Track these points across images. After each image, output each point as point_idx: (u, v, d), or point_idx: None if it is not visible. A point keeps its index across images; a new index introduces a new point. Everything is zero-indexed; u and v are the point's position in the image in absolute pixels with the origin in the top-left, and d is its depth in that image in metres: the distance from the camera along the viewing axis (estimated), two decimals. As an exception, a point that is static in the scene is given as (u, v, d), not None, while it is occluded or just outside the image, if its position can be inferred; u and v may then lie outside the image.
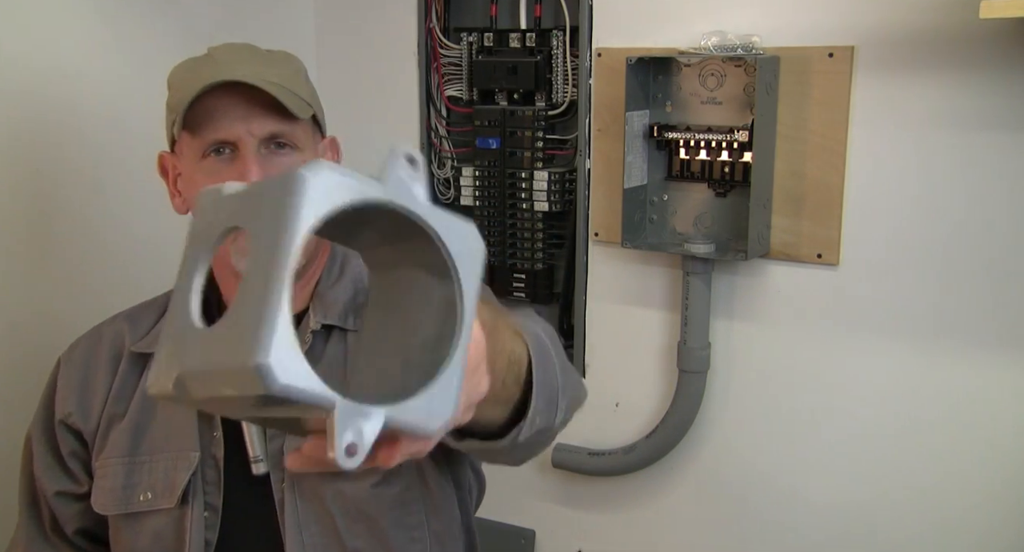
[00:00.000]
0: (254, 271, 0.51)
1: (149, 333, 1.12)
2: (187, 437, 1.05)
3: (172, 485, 1.04)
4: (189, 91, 1.01)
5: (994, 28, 1.34)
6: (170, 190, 1.13)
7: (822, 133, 1.49)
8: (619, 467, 1.76)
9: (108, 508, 1.08)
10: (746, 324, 1.62)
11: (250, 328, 0.49)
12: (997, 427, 1.46)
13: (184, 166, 1.07)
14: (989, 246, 1.42)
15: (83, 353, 1.14)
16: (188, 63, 1.09)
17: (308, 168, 0.51)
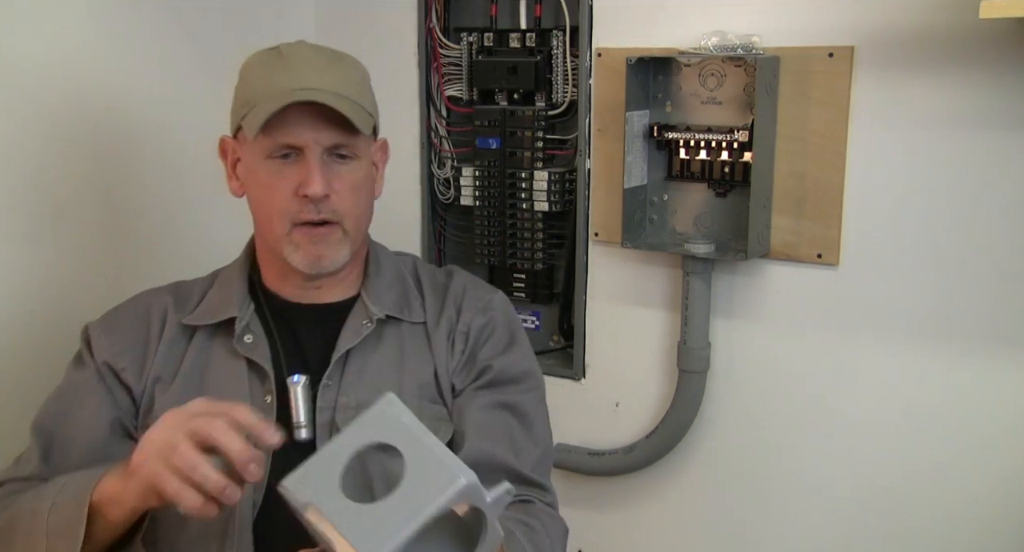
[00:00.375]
0: (402, 498, 0.76)
1: (197, 309, 1.20)
2: (241, 401, 1.08)
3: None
4: (264, 95, 1.10)
5: (994, 28, 1.34)
6: (228, 172, 1.21)
7: (822, 133, 1.49)
8: (619, 467, 1.76)
9: None
10: (746, 324, 1.62)
11: (383, 534, 0.73)
12: (997, 426, 1.45)
13: (247, 157, 1.16)
14: (989, 246, 1.42)
15: (130, 318, 1.19)
16: (262, 58, 1.16)
17: (466, 479, 0.77)
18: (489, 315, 1.24)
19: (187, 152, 1.71)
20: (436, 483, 0.77)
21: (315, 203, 1.12)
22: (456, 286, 1.27)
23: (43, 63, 1.49)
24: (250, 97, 1.13)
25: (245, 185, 1.17)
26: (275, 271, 1.20)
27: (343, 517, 0.76)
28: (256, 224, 1.19)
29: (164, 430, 0.91)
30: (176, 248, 1.70)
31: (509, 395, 1.19)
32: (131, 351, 1.17)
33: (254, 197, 1.17)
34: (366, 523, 0.76)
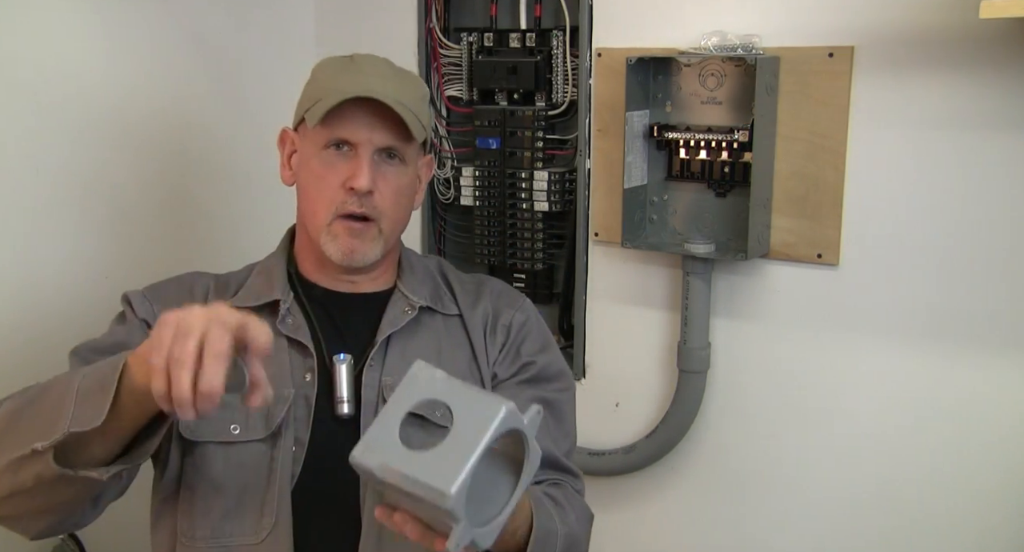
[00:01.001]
0: (458, 437, 0.87)
1: (238, 294, 1.24)
2: (283, 376, 1.17)
3: (268, 418, 1.16)
4: (331, 91, 1.17)
5: (994, 28, 1.34)
6: (282, 161, 1.27)
7: (822, 133, 1.49)
8: (619, 467, 1.76)
9: (199, 434, 1.16)
10: (746, 324, 1.62)
11: (453, 467, 0.84)
12: (997, 426, 1.45)
13: (304, 148, 1.23)
14: (989, 246, 1.42)
15: (172, 291, 1.23)
16: (335, 62, 1.24)
17: (507, 407, 0.87)
18: (526, 314, 1.31)
19: (188, 151, 1.71)
20: (484, 416, 0.88)
21: (359, 197, 1.19)
22: (492, 285, 1.34)
23: (44, 63, 1.49)
24: (316, 92, 1.21)
25: (297, 174, 1.24)
26: (314, 261, 1.25)
27: (414, 465, 0.86)
28: (300, 212, 1.25)
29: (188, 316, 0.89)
30: (177, 247, 1.70)
31: (549, 392, 1.27)
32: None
33: (304, 185, 1.23)
34: (435, 464, 0.86)
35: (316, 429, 1.18)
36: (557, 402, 1.27)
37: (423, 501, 0.86)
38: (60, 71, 1.51)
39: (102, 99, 1.58)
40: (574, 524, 1.18)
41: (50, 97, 1.50)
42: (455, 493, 0.84)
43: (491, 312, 1.29)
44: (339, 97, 1.16)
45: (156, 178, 1.68)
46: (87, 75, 1.55)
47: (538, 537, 1.07)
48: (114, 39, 1.59)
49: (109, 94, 1.59)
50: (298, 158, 1.24)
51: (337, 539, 1.16)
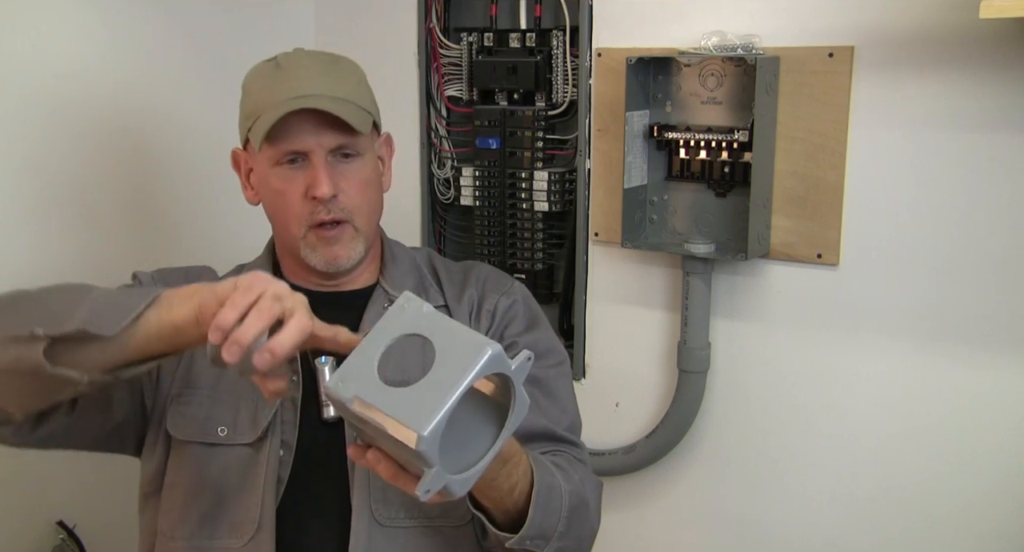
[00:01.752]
0: (438, 376, 0.82)
1: None
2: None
3: (254, 422, 1.14)
4: (266, 105, 1.16)
5: (994, 28, 1.34)
6: (242, 182, 1.26)
7: (822, 133, 1.49)
8: (619, 467, 1.76)
9: (187, 434, 1.15)
10: (746, 324, 1.62)
11: (428, 408, 0.80)
12: (997, 427, 1.45)
13: (258, 166, 1.21)
14: (989, 246, 1.42)
15: (182, 280, 1.16)
16: (262, 71, 1.21)
17: (492, 348, 0.83)
18: (513, 298, 1.30)
19: (188, 151, 1.71)
20: (467, 356, 0.83)
21: (325, 204, 1.17)
22: (479, 271, 1.34)
23: (44, 63, 1.49)
24: (253, 109, 1.19)
25: (259, 193, 1.23)
26: (295, 266, 1.25)
27: (389, 401, 0.83)
28: (274, 229, 1.25)
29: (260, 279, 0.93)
30: (179, 246, 1.71)
31: (537, 369, 1.21)
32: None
33: (268, 203, 1.22)
34: (411, 402, 0.82)
35: (303, 432, 1.16)
36: (546, 378, 1.25)
37: (392, 439, 0.82)
38: (60, 71, 1.51)
39: (102, 99, 1.58)
40: (579, 484, 1.16)
41: (50, 97, 1.50)
42: (428, 435, 0.79)
43: (476, 299, 1.29)
44: (274, 113, 1.14)
45: (156, 178, 1.68)
46: (87, 75, 1.55)
47: (540, 491, 1.04)
48: (113, 39, 1.59)
49: (109, 94, 1.59)
50: (256, 177, 1.23)
51: (324, 544, 1.14)
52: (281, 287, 0.92)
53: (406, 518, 1.14)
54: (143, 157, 1.65)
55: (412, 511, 1.13)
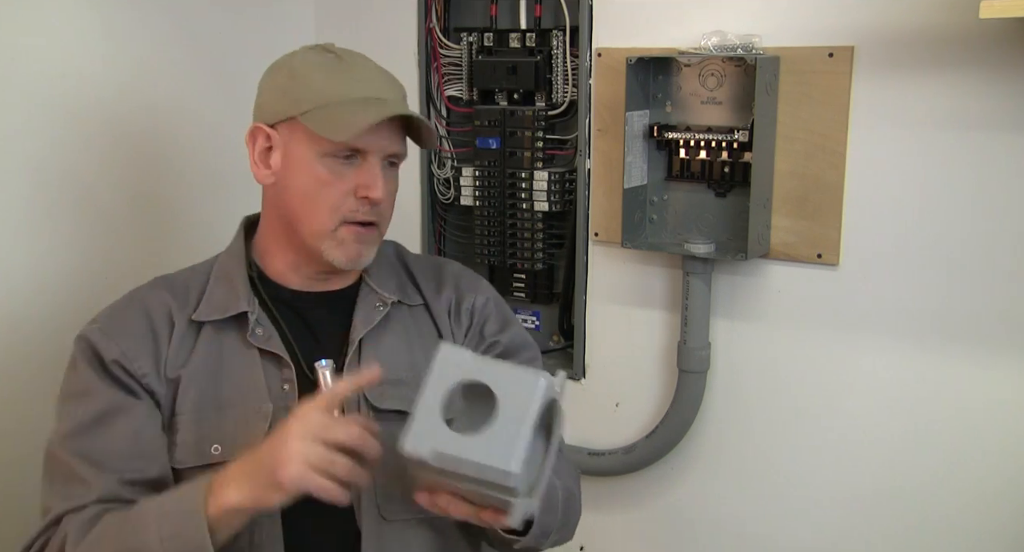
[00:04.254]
0: (504, 413, 0.90)
1: (200, 304, 1.19)
2: (258, 391, 1.15)
3: (250, 436, 1.11)
4: (335, 97, 1.15)
5: (994, 28, 1.34)
6: (253, 159, 1.20)
7: (822, 133, 1.49)
8: (619, 467, 1.76)
9: (186, 462, 1.13)
10: (746, 324, 1.62)
11: (508, 445, 0.88)
12: (998, 427, 1.45)
13: (295, 149, 1.17)
14: (989, 245, 1.42)
15: (131, 320, 1.16)
16: (319, 59, 1.18)
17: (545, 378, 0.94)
18: (486, 296, 1.32)
19: (188, 151, 1.71)
20: (525, 391, 0.91)
21: (372, 206, 1.18)
22: (451, 269, 1.35)
23: (43, 63, 1.49)
24: (315, 96, 1.15)
25: (283, 175, 1.18)
26: (288, 262, 1.22)
27: (468, 448, 0.89)
28: (288, 214, 1.19)
29: (292, 440, 0.98)
30: (177, 244, 1.70)
31: (520, 363, 1.28)
32: (144, 354, 1.15)
33: (300, 189, 1.17)
34: (489, 444, 0.89)
35: None
36: None
37: (478, 481, 0.88)
38: (60, 71, 1.51)
39: (102, 99, 1.58)
40: (566, 477, 1.22)
41: (50, 97, 1.50)
42: (518, 471, 0.87)
43: (454, 298, 1.29)
44: (367, 114, 1.13)
45: (156, 178, 1.68)
46: (87, 75, 1.55)
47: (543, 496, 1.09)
48: (113, 39, 1.59)
49: (109, 94, 1.59)
50: (284, 158, 1.18)
51: (330, 544, 1.16)
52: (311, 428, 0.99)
53: (408, 512, 1.15)
54: (144, 157, 1.65)
55: (412, 505, 1.11)
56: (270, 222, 1.22)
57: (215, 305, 1.18)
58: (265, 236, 1.23)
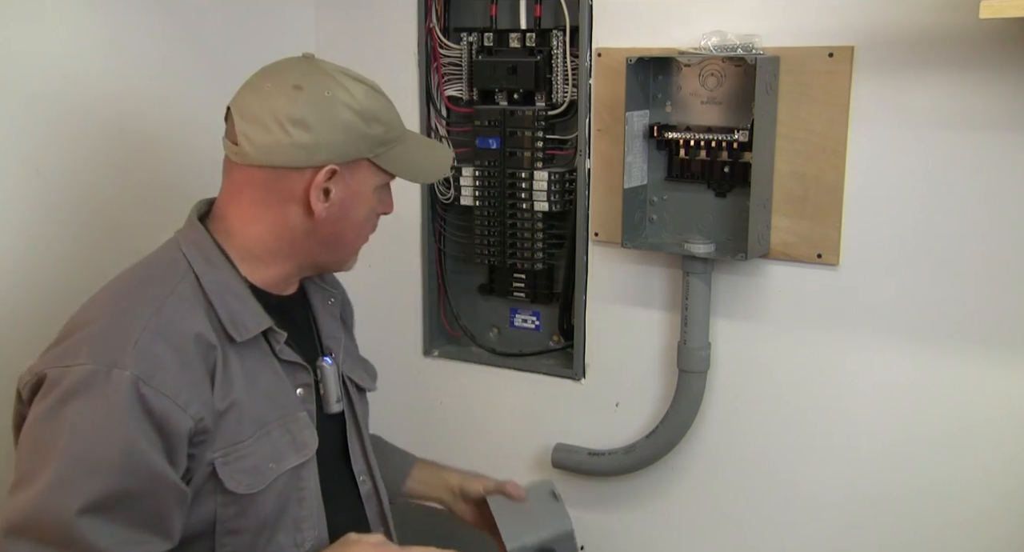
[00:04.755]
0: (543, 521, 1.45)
1: (224, 323, 1.13)
2: (289, 401, 1.20)
3: (299, 444, 1.18)
4: (404, 136, 1.24)
5: (994, 28, 1.34)
6: (315, 197, 1.17)
7: (822, 133, 1.49)
8: (619, 467, 1.76)
9: (252, 486, 1.12)
10: (746, 324, 1.63)
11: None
12: (997, 426, 1.46)
13: (361, 185, 1.21)
14: (989, 245, 1.42)
15: (170, 357, 1.07)
16: (364, 92, 1.20)
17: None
18: (342, 288, 1.44)
19: (188, 152, 1.71)
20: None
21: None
22: None
23: (44, 64, 1.49)
24: (383, 137, 1.20)
25: (339, 207, 1.19)
26: (281, 273, 1.23)
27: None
28: (329, 239, 1.21)
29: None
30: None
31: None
32: (198, 397, 1.08)
33: (356, 219, 1.22)
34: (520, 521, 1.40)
35: (318, 427, 1.24)
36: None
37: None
38: (60, 72, 1.51)
39: (102, 99, 1.58)
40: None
41: (50, 97, 1.50)
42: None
43: (330, 289, 1.37)
44: (442, 157, 1.31)
45: (156, 178, 1.68)
46: (87, 75, 1.55)
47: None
48: (113, 38, 1.59)
49: (108, 94, 1.59)
50: (345, 190, 1.18)
51: (351, 525, 1.24)
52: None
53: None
54: (144, 157, 1.65)
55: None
56: (285, 241, 1.20)
57: (241, 324, 1.14)
58: (262, 250, 1.20)
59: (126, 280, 1.18)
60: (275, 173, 1.15)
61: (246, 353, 1.15)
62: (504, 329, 1.92)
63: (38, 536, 1.00)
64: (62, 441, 1.02)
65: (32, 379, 1.08)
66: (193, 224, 1.20)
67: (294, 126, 1.13)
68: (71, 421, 1.02)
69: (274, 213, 1.17)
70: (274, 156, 1.14)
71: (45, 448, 1.02)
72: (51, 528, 0.99)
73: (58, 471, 1.01)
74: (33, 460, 1.03)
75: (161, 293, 1.12)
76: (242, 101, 1.18)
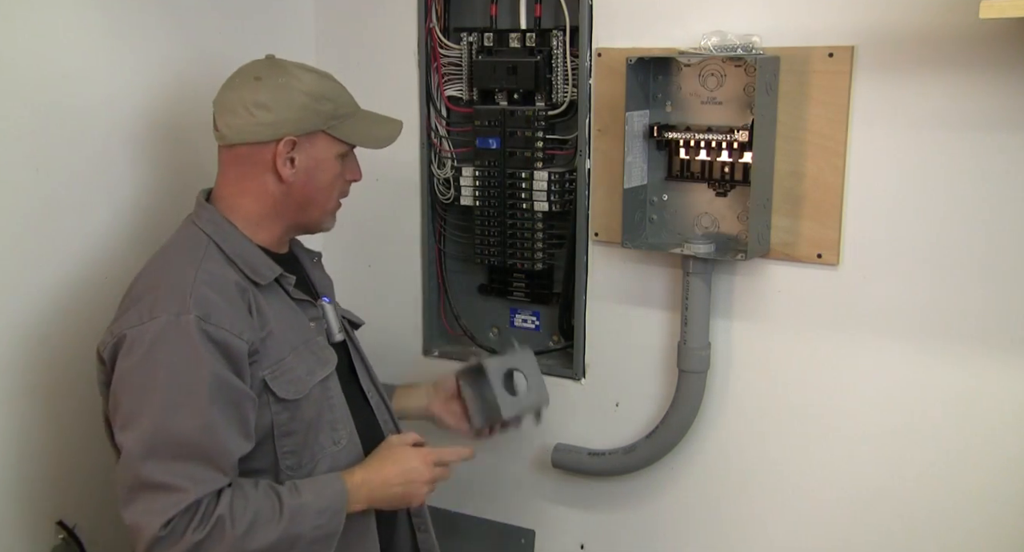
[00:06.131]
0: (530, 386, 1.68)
1: (247, 272, 1.37)
2: (306, 330, 1.42)
3: (323, 360, 1.42)
4: (356, 112, 1.45)
5: (994, 28, 1.34)
6: (281, 163, 1.38)
7: (822, 133, 1.49)
8: (619, 467, 1.76)
9: (299, 393, 1.36)
10: (746, 324, 1.63)
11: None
12: (996, 426, 1.46)
13: (321, 152, 1.41)
14: (988, 245, 1.42)
15: (219, 300, 1.30)
16: (321, 77, 1.42)
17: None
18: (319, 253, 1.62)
19: (187, 151, 1.71)
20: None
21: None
22: None
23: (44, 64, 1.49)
24: (335, 111, 1.41)
25: (305, 173, 1.40)
26: (275, 234, 1.44)
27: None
28: (303, 201, 1.42)
29: (421, 485, 1.42)
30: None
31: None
32: (248, 327, 1.32)
33: (322, 183, 1.42)
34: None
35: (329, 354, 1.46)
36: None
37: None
38: (60, 72, 1.51)
39: (102, 99, 1.58)
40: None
41: (50, 97, 1.50)
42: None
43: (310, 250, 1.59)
44: (388, 129, 1.48)
45: (155, 178, 1.68)
46: (87, 75, 1.55)
47: None
48: (113, 38, 1.59)
49: (108, 94, 1.59)
50: (308, 159, 1.40)
51: (364, 417, 1.49)
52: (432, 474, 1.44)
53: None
54: (144, 157, 1.65)
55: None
56: (269, 206, 1.41)
57: (260, 272, 1.38)
58: (256, 216, 1.42)
59: (162, 257, 1.40)
60: (249, 149, 1.38)
61: (268, 294, 1.38)
62: (504, 329, 1.92)
63: (167, 453, 1.23)
64: (160, 378, 1.25)
65: (113, 340, 1.29)
66: (203, 205, 1.42)
67: (257, 109, 1.37)
68: (164, 362, 1.26)
69: (256, 183, 1.40)
70: (245, 134, 1.37)
71: (147, 388, 1.25)
72: (176, 444, 1.24)
73: (166, 400, 1.24)
74: (138, 401, 1.26)
75: (197, 257, 1.35)
76: (219, 98, 1.42)
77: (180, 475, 1.23)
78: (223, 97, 1.41)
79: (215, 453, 1.25)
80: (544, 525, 1.91)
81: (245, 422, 1.30)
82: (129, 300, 1.34)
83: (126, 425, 1.26)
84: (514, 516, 1.93)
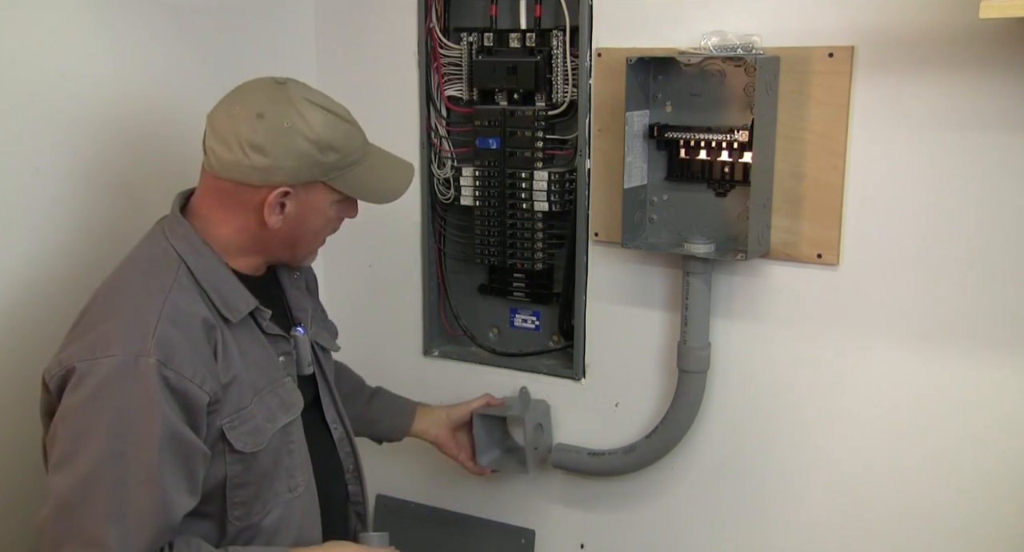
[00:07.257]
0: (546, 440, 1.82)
1: (217, 305, 1.27)
2: (275, 368, 1.34)
3: (287, 405, 1.34)
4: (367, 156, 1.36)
5: (994, 28, 1.34)
6: (268, 212, 1.29)
7: (822, 133, 1.50)
8: (619, 467, 1.76)
9: (257, 444, 1.28)
10: (746, 324, 1.63)
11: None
12: (996, 426, 1.46)
13: (316, 200, 1.32)
14: (988, 246, 1.42)
15: (183, 342, 1.20)
16: (322, 118, 1.28)
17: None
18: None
19: (187, 152, 1.71)
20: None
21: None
22: None
23: (44, 64, 1.49)
24: (338, 162, 1.30)
25: (295, 219, 1.31)
26: (253, 262, 1.36)
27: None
28: (289, 241, 1.34)
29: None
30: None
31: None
32: (210, 375, 1.22)
33: (311, 228, 1.34)
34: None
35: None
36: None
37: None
38: (60, 72, 1.51)
39: (101, 99, 1.58)
40: None
41: (50, 97, 1.50)
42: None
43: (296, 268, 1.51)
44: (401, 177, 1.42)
45: (155, 179, 1.68)
46: (87, 75, 1.55)
47: None
48: (113, 38, 1.59)
49: (108, 94, 1.59)
50: (300, 207, 1.30)
51: (324, 453, 1.44)
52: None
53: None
54: (144, 158, 1.65)
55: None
56: (247, 241, 1.32)
57: (233, 306, 1.29)
58: (234, 247, 1.33)
59: (128, 274, 1.30)
60: (235, 186, 1.27)
61: (237, 330, 1.29)
62: (504, 329, 1.92)
63: (102, 507, 1.14)
64: (105, 422, 1.15)
65: (61, 371, 1.19)
66: (177, 218, 1.32)
67: (253, 150, 1.24)
68: (113, 405, 1.15)
69: (238, 218, 1.30)
70: (234, 173, 1.26)
71: (90, 430, 1.15)
72: (112, 497, 1.14)
73: (110, 448, 1.14)
74: (77, 442, 1.16)
75: (166, 284, 1.24)
76: (215, 118, 1.28)
77: (114, 534, 1.13)
78: (218, 120, 1.27)
79: (157, 511, 1.16)
80: (544, 525, 1.91)
81: (193, 477, 1.20)
82: (85, 324, 1.23)
83: (60, 466, 1.16)
84: (514, 516, 1.93)
